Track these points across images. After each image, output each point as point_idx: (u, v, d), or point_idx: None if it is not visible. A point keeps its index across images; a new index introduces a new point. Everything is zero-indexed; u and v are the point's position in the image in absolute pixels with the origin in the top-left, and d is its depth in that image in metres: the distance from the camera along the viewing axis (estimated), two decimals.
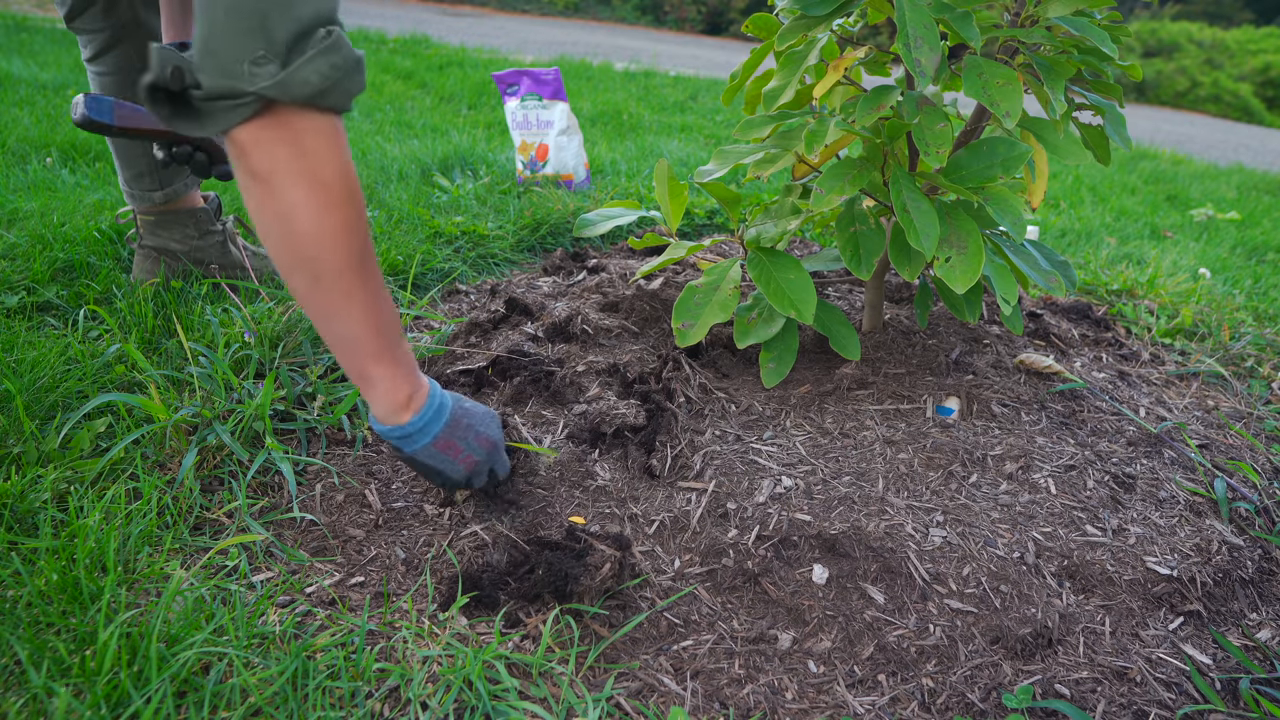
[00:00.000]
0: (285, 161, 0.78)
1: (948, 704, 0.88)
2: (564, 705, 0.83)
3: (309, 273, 0.83)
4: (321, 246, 0.82)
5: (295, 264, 0.83)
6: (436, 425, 0.96)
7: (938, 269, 1.18)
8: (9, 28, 4.89)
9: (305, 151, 0.79)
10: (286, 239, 0.82)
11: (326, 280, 0.84)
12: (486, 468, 1.03)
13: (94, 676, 0.77)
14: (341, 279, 0.84)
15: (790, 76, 1.34)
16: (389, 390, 0.92)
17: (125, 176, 1.53)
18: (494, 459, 1.04)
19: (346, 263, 0.83)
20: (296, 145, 0.79)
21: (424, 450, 0.96)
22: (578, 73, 5.86)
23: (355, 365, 0.91)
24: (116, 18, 1.42)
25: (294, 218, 0.80)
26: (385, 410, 0.93)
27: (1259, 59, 13.92)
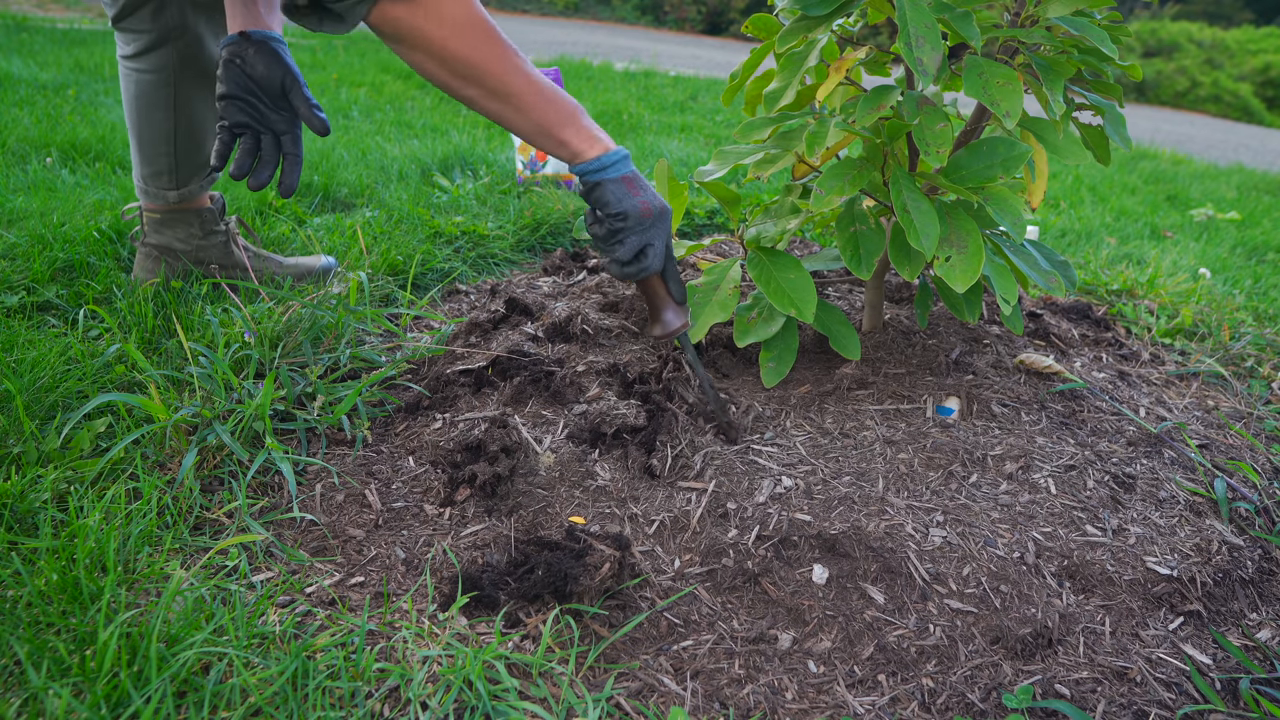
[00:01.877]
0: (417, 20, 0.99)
1: (948, 704, 0.88)
2: (564, 705, 0.83)
3: (477, 94, 1.06)
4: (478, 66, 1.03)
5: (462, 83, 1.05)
6: (625, 167, 1.13)
7: (938, 268, 1.18)
8: (9, 28, 4.89)
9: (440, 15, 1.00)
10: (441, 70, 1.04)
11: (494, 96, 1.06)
12: (650, 235, 1.13)
13: (94, 676, 0.77)
14: (507, 87, 1.06)
15: (791, 78, 1.34)
16: (582, 140, 1.11)
17: (143, 173, 1.53)
18: (658, 228, 1.14)
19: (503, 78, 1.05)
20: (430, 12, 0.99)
21: (614, 181, 1.11)
22: (578, 73, 5.86)
23: (550, 140, 1.11)
24: (165, 20, 1.43)
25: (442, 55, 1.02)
26: (580, 149, 1.11)
27: (1259, 59, 13.92)
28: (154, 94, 1.47)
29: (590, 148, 1.11)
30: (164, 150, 1.50)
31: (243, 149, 1.26)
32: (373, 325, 1.55)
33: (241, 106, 1.24)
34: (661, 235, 1.14)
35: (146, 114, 1.49)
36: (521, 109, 1.07)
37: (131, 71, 1.47)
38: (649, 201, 1.12)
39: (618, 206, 1.10)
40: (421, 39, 1.00)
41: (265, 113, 1.26)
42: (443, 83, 1.05)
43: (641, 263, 1.14)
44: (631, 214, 1.11)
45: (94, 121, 2.81)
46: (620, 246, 1.12)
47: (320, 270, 1.73)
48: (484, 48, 1.03)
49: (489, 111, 1.08)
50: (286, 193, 1.29)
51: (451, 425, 1.24)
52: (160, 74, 1.46)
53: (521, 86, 1.06)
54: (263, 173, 1.27)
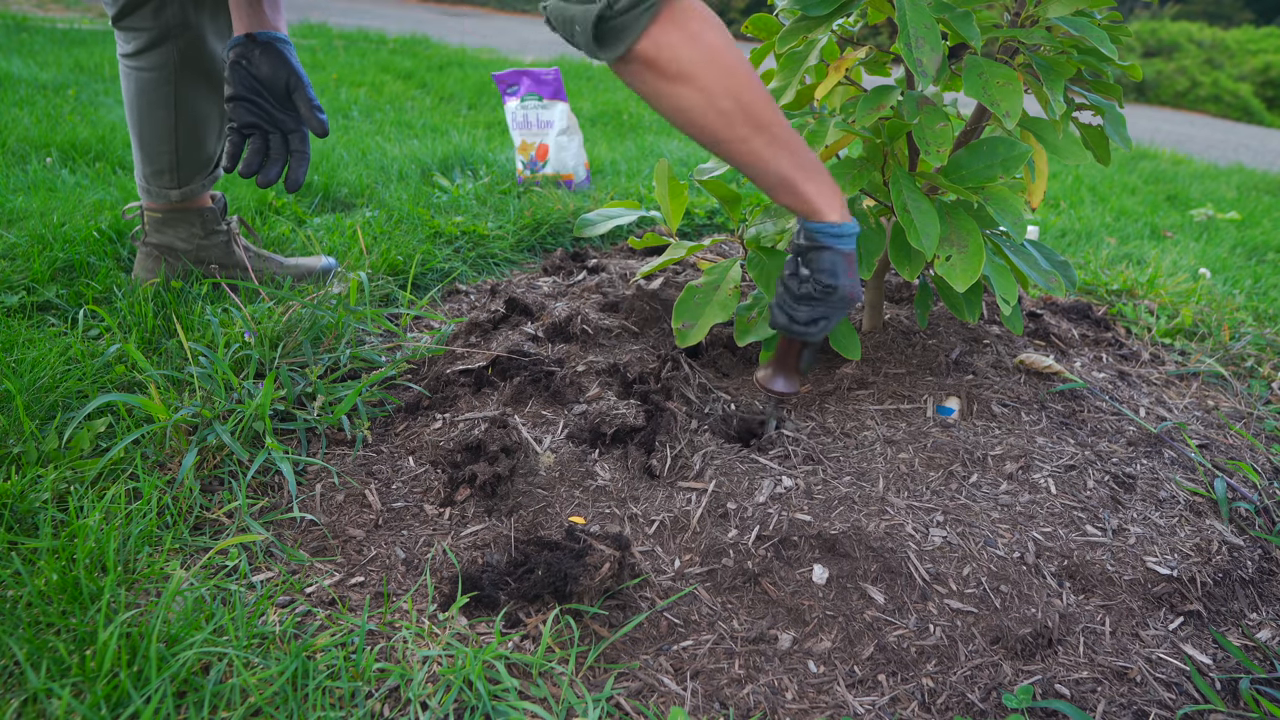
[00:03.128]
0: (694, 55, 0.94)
1: (948, 704, 0.88)
2: (564, 705, 0.83)
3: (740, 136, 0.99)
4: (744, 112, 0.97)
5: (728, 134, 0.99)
6: (852, 243, 1.09)
7: (938, 268, 1.18)
8: (9, 28, 4.89)
9: (705, 42, 0.94)
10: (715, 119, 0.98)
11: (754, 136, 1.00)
12: (839, 312, 1.11)
13: (94, 676, 0.77)
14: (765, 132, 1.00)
15: (790, 77, 1.34)
16: (826, 197, 1.06)
17: (145, 172, 1.53)
18: (845, 309, 1.12)
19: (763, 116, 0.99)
20: (697, 40, 0.94)
21: (840, 254, 1.07)
22: (578, 73, 5.86)
23: (795, 193, 1.05)
24: (166, 18, 1.43)
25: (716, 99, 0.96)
26: (820, 208, 1.06)
27: (1259, 59, 13.92)
28: (155, 92, 1.47)
29: (831, 208, 1.06)
30: (165, 149, 1.50)
31: (252, 148, 1.29)
32: (373, 325, 1.55)
33: (249, 107, 1.27)
34: (840, 316, 1.12)
35: (147, 112, 1.49)
36: (778, 146, 1.01)
37: (132, 70, 1.47)
38: (855, 286, 1.10)
39: (832, 280, 1.07)
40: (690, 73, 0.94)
41: (272, 112, 1.28)
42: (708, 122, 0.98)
43: (810, 330, 1.12)
44: (840, 290, 1.08)
45: (94, 121, 2.81)
46: (805, 308, 1.10)
47: (321, 271, 1.73)
48: (751, 81, 0.98)
49: (744, 153, 1.01)
50: (293, 187, 1.32)
51: (451, 425, 1.24)
52: (161, 72, 1.46)
53: (782, 125, 1.01)
54: (270, 170, 1.30)
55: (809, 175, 1.04)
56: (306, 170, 1.33)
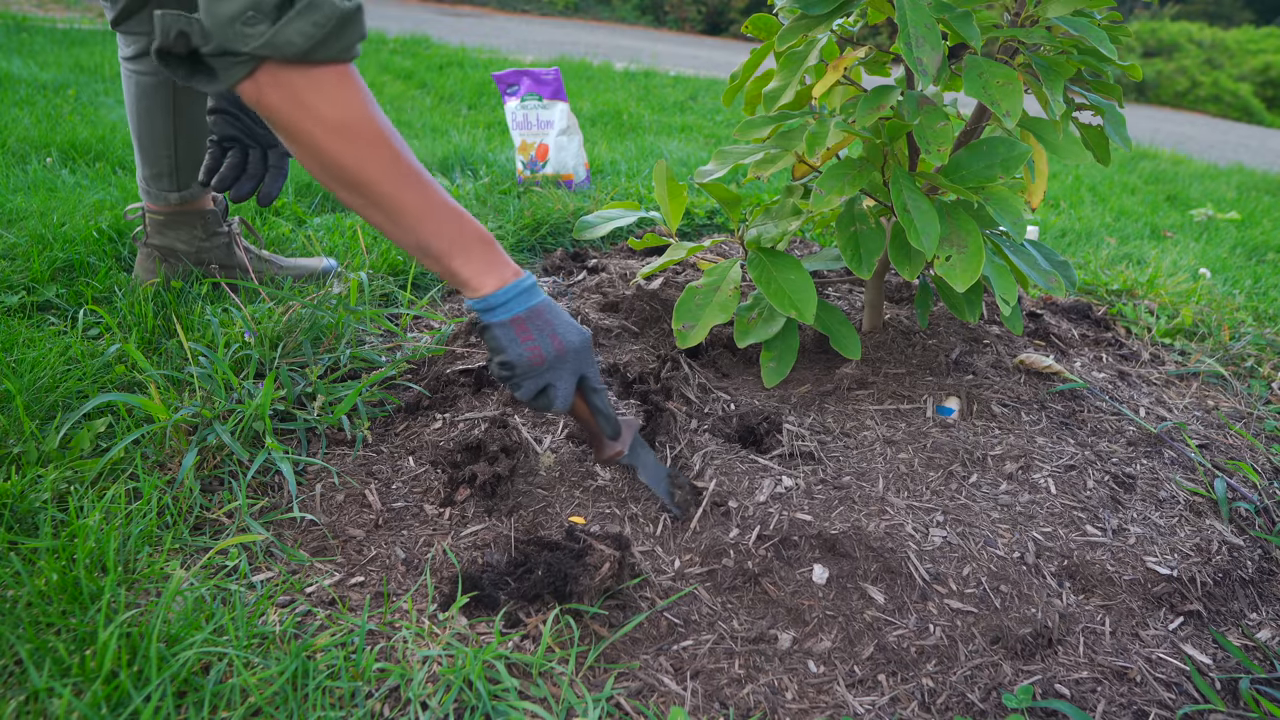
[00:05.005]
0: (290, 113, 0.87)
1: (948, 704, 0.88)
2: (564, 705, 0.83)
3: (358, 196, 0.93)
4: (354, 174, 0.90)
5: (339, 188, 0.93)
6: (518, 306, 0.99)
7: (938, 268, 1.18)
8: (9, 28, 4.89)
9: (306, 104, 0.86)
10: (319, 171, 0.91)
11: (375, 201, 0.93)
12: (547, 378, 1.00)
13: (94, 676, 0.77)
14: (384, 199, 0.92)
15: (790, 77, 1.34)
16: (474, 271, 0.98)
17: (145, 174, 1.53)
18: (559, 370, 1.00)
19: (381, 187, 0.92)
20: (296, 99, 0.86)
21: (499, 325, 0.98)
22: (578, 73, 5.86)
23: (438, 266, 0.98)
24: None
25: (317, 155, 0.89)
26: (471, 282, 0.98)
27: (1259, 59, 13.92)
28: (154, 96, 1.47)
29: (483, 282, 0.97)
30: (165, 152, 1.50)
31: (229, 162, 1.31)
32: (373, 325, 1.55)
33: (229, 120, 1.28)
34: (564, 376, 1.01)
35: (147, 116, 1.49)
36: (401, 225, 0.94)
37: (132, 73, 1.47)
38: (540, 347, 0.98)
39: (503, 355, 0.98)
40: (295, 131, 0.87)
41: (252, 126, 1.30)
42: (321, 181, 0.93)
43: (542, 401, 1.01)
44: (518, 364, 0.97)
45: (94, 121, 2.81)
46: (516, 389, 1.00)
47: (321, 272, 1.73)
48: (364, 155, 0.89)
49: (369, 220, 0.96)
50: (265, 202, 1.33)
51: (451, 425, 1.24)
52: (159, 76, 1.46)
53: (403, 200, 0.93)
54: (245, 186, 1.32)
55: (453, 249, 0.96)
56: (282, 185, 1.34)
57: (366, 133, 0.89)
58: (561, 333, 1.00)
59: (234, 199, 1.31)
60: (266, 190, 1.32)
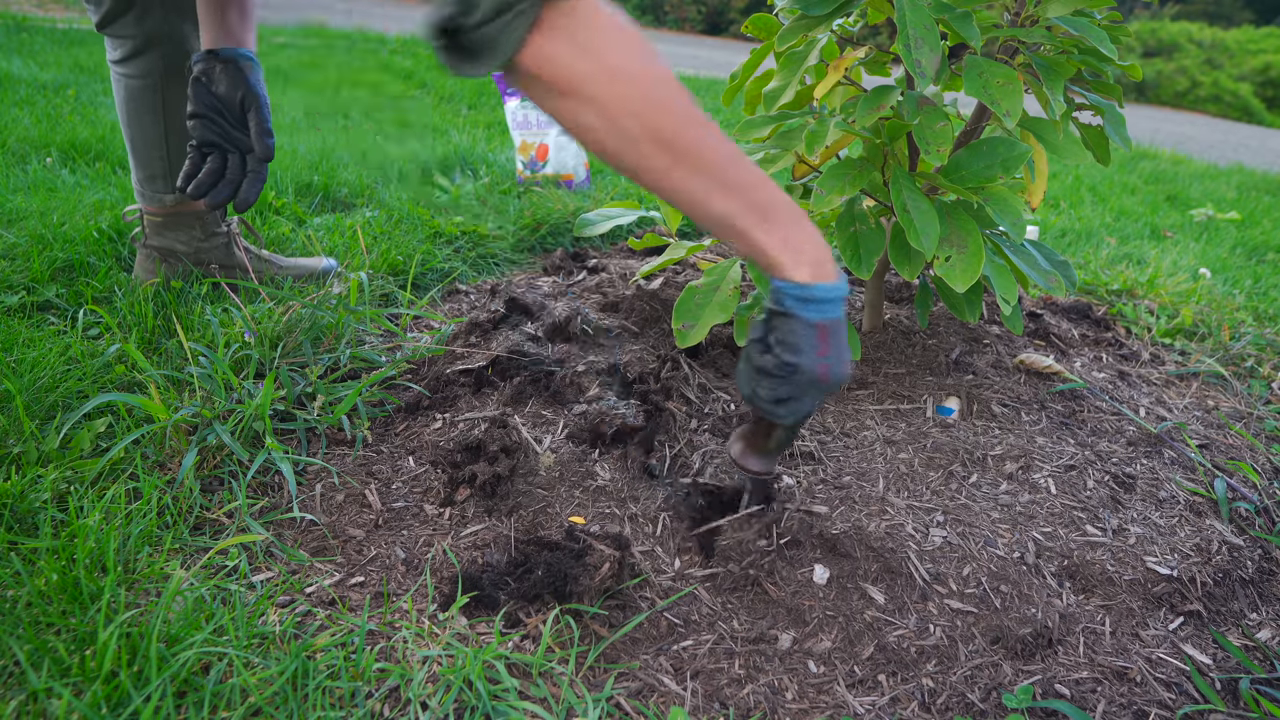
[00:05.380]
0: (587, 68, 0.76)
1: (948, 704, 0.88)
2: (564, 705, 0.83)
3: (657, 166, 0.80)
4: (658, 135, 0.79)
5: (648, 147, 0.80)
6: (834, 310, 0.85)
7: (938, 268, 1.18)
8: (9, 28, 4.89)
9: (603, 51, 0.77)
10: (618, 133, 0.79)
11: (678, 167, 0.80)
12: (811, 395, 0.89)
13: (94, 676, 0.77)
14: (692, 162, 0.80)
15: (790, 77, 1.34)
16: (790, 250, 0.84)
17: (138, 177, 1.53)
18: (822, 393, 0.89)
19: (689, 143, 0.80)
20: (588, 51, 0.76)
21: (806, 325, 0.84)
22: None
23: (746, 241, 0.84)
24: (149, 25, 1.43)
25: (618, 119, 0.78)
26: (781, 261, 0.84)
27: (1259, 59, 13.92)
28: (143, 99, 1.47)
29: (798, 264, 0.84)
30: (157, 154, 1.50)
31: (208, 168, 1.30)
32: (373, 325, 1.55)
33: (208, 124, 1.28)
34: (815, 399, 0.90)
35: (138, 118, 1.49)
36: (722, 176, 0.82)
37: (121, 76, 1.47)
38: (830, 365, 0.86)
39: (793, 355, 0.85)
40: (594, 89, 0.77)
41: (230, 131, 1.30)
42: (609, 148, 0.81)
43: (776, 410, 0.91)
44: (804, 371, 0.85)
45: (94, 121, 2.81)
46: (769, 389, 0.89)
47: (321, 272, 1.73)
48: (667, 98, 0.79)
49: (669, 185, 0.82)
50: (241, 208, 1.32)
51: (451, 425, 1.24)
52: (148, 79, 1.46)
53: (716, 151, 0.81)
54: (222, 192, 1.31)
55: (764, 220, 0.83)
56: (259, 191, 1.33)
57: (665, 73, 0.79)
58: (846, 357, 0.88)
59: (210, 205, 1.30)
60: (244, 196, 1.31)
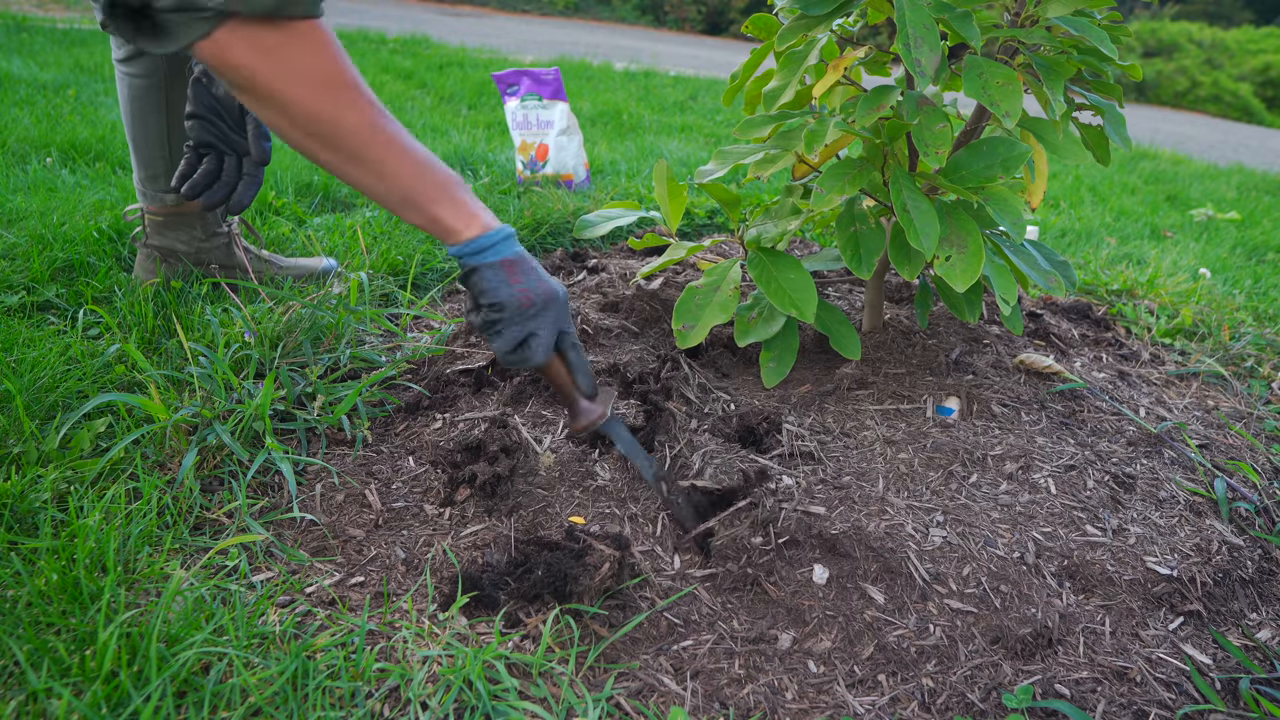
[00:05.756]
0: (263, 71, 0.83)
1: (948, 704, 0.88)
2: (564, 705, 0.83)
3: (336, 152, 0.91)
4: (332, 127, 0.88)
5: (317, 146, 0.90)
6: (507, 249, 0.99)
7: (938, 268, 1.18)
8: (9, 28, 4.89)
9: (280, 59, 0.83)
10: (293, 130, 0.88)
11: (355, 153, 0.91)
12: (531, 325, 1.00)
13: (94, 676, 0.77)
14: (366, 151, 0.91)
15: (790, 77, 1.34)
16: (458, 217, 0.97)
17: (141, 176, 1.54)
18: (543, 318, 1.00)
19: (362, 138, 0.90)
20: (270, 56, 0.83)
21: (489, 267, 0.97)
22: (578, 73, 5.86)
23: (419, 215, 0.97)
24: None
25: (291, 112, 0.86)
26: (454, 227, 0.97)
27: (1259, 59, 13.92)
28: (147, 98, 1.47)
29: (466, 226, 0.97)
30: (159, 154, 1.51)
31: (204, 169, 1.31)
32: (373, 325, 1.55)
33: (206, 126, 1.28)
34: (547, 325, 1.01)
35: (141, 118, 1.49)
36: (384, 176, 0.93)
37: (125, 75, 1.48)
38: (530, 290, 0.99)
39: (493, 296, 0.97)
40: (266, 90, 0.84)
41: (228, 133, 1.31)
42: (294, 142, 0.91)
43: (523, 353, 1.01)
44: (509, 304, 0.97)
45: (94, 121, 2.81)
46: (498, 338, 0.99)
47: (321, 272, 1.73)
48: (340, 106, 0.88)
49: (348, 178, 0.94)
50: (235, 210, 1.33)
51: (451, 425, 1.24)
52: (152, 78, 1.46)
53: (385, 152, 0.92)
54: (217, 193, 1.32)
55: (433, 197, 0.96)
56: (255, 193, 1.34)
57: (343, 81, 0.88)
58: (546, 279, 1.01)
59: (205, 206, 1.31)
60: (238, 199, 1.32)
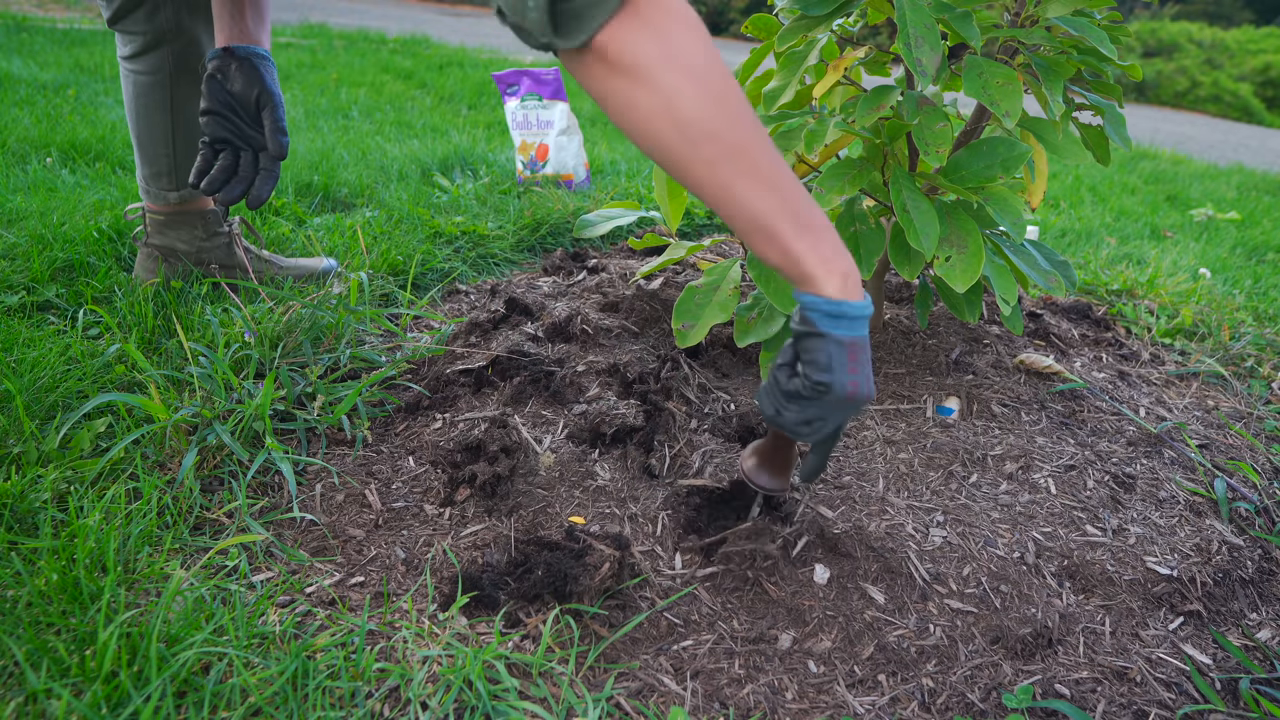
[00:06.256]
0: (656, 52, 0.78)
1: (948, 704, 0.88)
2: (564, 705, 0.83)
3: (704, 157, 0.81)
4: (711, 126, 0.80)
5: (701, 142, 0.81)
6: (862, 327, 0.85)
7: (938, 268, 1.18)
8: (9, 28, 4.89)
9: (673, 41, 0.78)
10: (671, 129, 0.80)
11: (724, 161, 0.81)
12: (840, 417, 0.89)
13: (94, 676, 0.77)
14: (739, 158, 0.81)
15: (790, 77, 1.34)
16: (822, 261, 0.84)
17: (144, 174, 1.54)
18: (849, 412, 0.88)
19: (740, 139, 0.81)
20: (664, 37, 0.78)
21: (836, 342, 0.84)
22: None
23: (779, 246, 0.84)
24: (160, 22, 1.43)
25: (675, 104, 0.79)
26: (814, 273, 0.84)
27: (1259, 59, 13.93)
28: (152, 95, 1.47)
29: (829, 278, 0.84)
30: (163, 151, 1.51)
31: (220, 165, 1.30)
32: (373, 325, 1.55)
33: (221, 122, 1.28)
34: (843, 419, 0.89)
35: (145, 115, 1.49)
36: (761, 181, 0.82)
37: (130, 72, 1.48)
38: (858, 386, 0.84)
39: (824, 375, 0.84)
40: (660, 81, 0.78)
41: (244, 128, 1.30)
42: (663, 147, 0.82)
43: (801, 431, 0.90)
44: (835, 390, 0.84)
45: (94, 121, 2.81)
46: (800, 411, 0.88)
47: (321, 272, 1.73)
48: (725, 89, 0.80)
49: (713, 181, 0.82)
50: (254, 205, 1.32)
51: (451, 425, 1.24)
52: (157, 75, 1.46)
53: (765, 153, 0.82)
54: (235, 189, 1.31)
55: (800, 229, 0.83)
56: (272, 189, 1.33)
57: (723, 65, 0.81)
58: (870, 376, 0.88)
59: (222, 202, 1.31)
60: (256, 193, 1.31)
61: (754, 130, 0.82)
